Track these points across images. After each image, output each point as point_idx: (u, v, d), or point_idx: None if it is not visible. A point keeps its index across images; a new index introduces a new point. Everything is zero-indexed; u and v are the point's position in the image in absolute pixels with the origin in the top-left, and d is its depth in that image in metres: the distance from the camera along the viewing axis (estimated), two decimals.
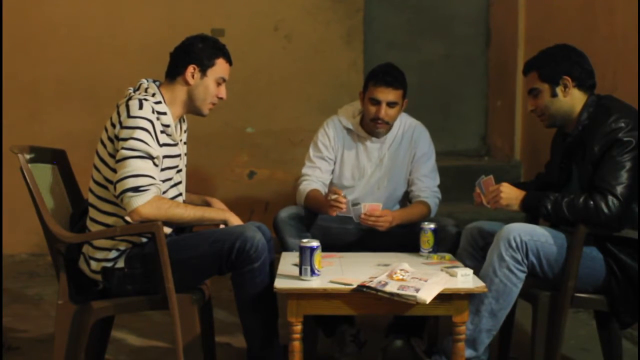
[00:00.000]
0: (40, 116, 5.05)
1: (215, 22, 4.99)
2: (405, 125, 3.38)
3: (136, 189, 2.55)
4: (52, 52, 5.03)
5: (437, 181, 3.39)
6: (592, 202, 2.63)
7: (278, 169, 5.17)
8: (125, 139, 2.58)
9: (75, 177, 2.93)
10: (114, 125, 2.63)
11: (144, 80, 2.77)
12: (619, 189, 2.62)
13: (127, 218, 2.63)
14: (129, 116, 2.60)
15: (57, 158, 2.88)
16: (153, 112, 2.64)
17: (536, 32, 4.86)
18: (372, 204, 3.13)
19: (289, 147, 5.18)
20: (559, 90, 2.80)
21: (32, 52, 5.03)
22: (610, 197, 2.62)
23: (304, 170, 3.37)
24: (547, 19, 4.71)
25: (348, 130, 3.35)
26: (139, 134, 2.59)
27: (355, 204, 3.15)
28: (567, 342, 3.12)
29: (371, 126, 3.27)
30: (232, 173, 5.21)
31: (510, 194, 2.80)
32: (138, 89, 2.75)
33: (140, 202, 2.56)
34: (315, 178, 3.32)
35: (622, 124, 2.66)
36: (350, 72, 5.19)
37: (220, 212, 2.78)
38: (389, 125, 3.28)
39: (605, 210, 2.61)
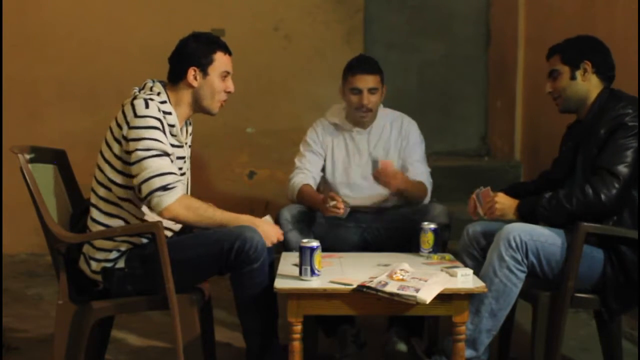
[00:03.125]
0: (40, 116, 5.05)
1: (215, 22, 4.98)
2: (391, 116, 3.45)
3: (164, 188, 2.56)
4: (52, 52, 5.03)
5: (429, 169, 3.44)
6: (589, 186, 2.65)
7: (278, 169, 5.17)
8: (137, 139, 2.57)
9: (75, 177, 2.93)
10: (120, 126, 2.62)
11: (149, 80, 2.76)
12: (619, 169, 2.65)
13: (153, 216, 2.63)
14: (136, 116, 2.59)
15: (57, 158, 2.88)
16: (159, 110, 2.63)
17: (536, 32, 4.86)
18: (386, 160, 3.21)
19: (289, 147, 5.15)
20: (578, 73, 2.84)
21: (32, 53, 5.02)
22: (608, 177, 2.65)
23: (296, 164, 3.42)
24: (547, 19, 4.71)
25: (335, 125, 3.42)
26: (151, 133, 2.58)
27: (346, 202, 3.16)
28: (567, 342, 3.12)
29: (356, 116, 3.34)
30: (232, 173, 5.21)
31: (505, 203, 2.83)
32: (143, 88, 2.74)
33: (170, 200, 2.57)
34: (306, 171, 3.37)
35: (630, 110, 2.71)
36: None
37: (250, 220, 2.74)
38: (372, 113, 3.34)
39: (605, 190, 2.64)
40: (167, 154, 2.61)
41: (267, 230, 2.74)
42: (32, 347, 3.34)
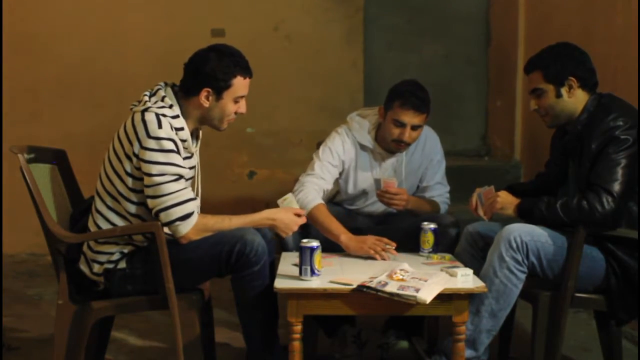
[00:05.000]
0: (40, 116, 5.05)
1: (215, 22, 4.99)
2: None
3: (183, 218, 2.57)
4: (52, 52, 5.03)
5: (448, 187, 3.37)
6: (585, 202, 2.63)
7: (278, 169, 5.17)
8: (151, 163, 2.53)
9: (75, 177, 2.93)
10: (130, 142, 2.57)
11: (161, 85, 2.68)
12: (613, 186, 2.63)
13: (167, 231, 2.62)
14: (149, 136, 2.53)
15: (57, 158, 2.87)
16: (172, 128, 2.58)
17: (536, 32, 4.85)
18: (387, 179, 3.13)
19: (289, 147, 5.18)
20: (564, 90, 2.78)
21: (32, 52, 5.02)
22: (604, 195, 2.62)
23: (314, 168, 3.18)
24: (547, 19, 4.71)
25: (362, 146, 3.24)
26: (166, 156, 2.54)
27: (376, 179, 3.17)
28: (567, 342, 3.12)
29: (392, 146, 3.17)
30: (232, 173, 5.21)
31: (506, 199, 2.83)
32: (154, 94, 2.65)
33: (189, 228, 2.58)
34: (322, 181, 3.16)
35: (621, 122, 2.66)
36: (350, 72, 5.19)
37: (264, 219, 2.74)
38: (409, 146, 3.21)
39: (599, 208, 2.61)
40: (182, 177, 2.58)
41: (285, 219, 2.74)
42: (32, 347, 3.34)
